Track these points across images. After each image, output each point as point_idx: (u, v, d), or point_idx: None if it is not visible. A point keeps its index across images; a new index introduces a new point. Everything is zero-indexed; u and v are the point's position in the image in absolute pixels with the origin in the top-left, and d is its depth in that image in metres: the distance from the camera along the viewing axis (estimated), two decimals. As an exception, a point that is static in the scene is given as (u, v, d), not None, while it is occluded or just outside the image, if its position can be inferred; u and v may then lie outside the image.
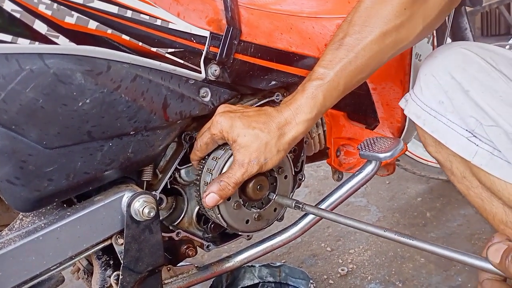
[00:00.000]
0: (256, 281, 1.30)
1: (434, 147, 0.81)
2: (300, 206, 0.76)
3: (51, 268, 0.66)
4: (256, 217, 0.81)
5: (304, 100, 0.73)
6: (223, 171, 0.75)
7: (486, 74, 0.73)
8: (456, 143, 0.75)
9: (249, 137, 0.72)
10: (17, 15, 0.54)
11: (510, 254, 0.57)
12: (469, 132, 0.74)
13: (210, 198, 0.73)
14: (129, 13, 0.64)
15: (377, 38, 0.73)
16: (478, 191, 0.79)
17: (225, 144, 0.77)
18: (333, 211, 0.91)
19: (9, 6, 0.54)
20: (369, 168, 0.85)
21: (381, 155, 0.78)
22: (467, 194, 0.82)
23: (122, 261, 0.71)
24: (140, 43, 0.66)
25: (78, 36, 0.59)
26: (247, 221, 0.80)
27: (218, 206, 0.76)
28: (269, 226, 0.86)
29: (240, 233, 0.90)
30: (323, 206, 0.90)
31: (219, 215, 0.77)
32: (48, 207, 0.70)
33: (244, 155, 0.72)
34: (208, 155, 0.79)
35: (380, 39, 0.73)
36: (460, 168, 0.79)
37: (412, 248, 0.59)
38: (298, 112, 0.73)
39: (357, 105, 0.97)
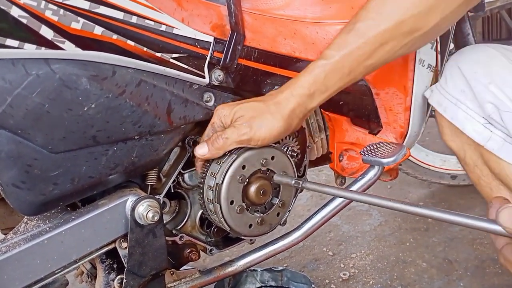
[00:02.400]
0: (258, 285, 1.30)
1: (450, 135, 0.85)
2: (300, 182, 0.75)
3: (56, 272, 0.66)
4: (259, 221, 0.81)
5: (304, 77, 0.74)
6: (227, 175, 0.75)
7: (508, 71, 0.77)
8: (472, 128, 0.79)
9: (244, 108, 0.74)
10: (24, 21, 0.55)
11: None
12: (485, 119, 0.78)
13: (200, 146, 0.75)
14: (134, 19, 0.64)
15: (392, 27, 0.72)
16: (488, 180, 0.84)
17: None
18: (333, 213, 0.91)
19: (16, 12, 0.54)
20: (372, 173, 0.85)
21: (384, 160, 0.78)
22: (477, 184, 0.86)
23: (125, 265, 0.72)
24: (145, 49, 0.66)
25: (83, 41, 0.60)
26: (250, 226, 0.80)
27: (221, 210, 0.76)
28: (272, 231, 0.86)
29: (243, 238, 0.90)
30: (326, 210, 0.90)
31: (222, 219, 0.77)
32: (53, 211, 0.70)
33: (239, 120, 0.73)
34: (212, 159, 0.79)
35: (395, 28, 0.72)
36: (473, 157, 0.83)
37: (422, 217, 0.57)
38: (296, 87, 0.74)
39: (360, 110, 0.97)
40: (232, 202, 0.76)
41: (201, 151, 0.75)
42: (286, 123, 0.74)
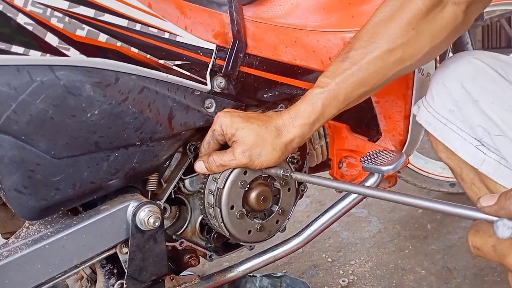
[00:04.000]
0: (257, 291, 1.30)
1: (445, 153, 0.83)
2: (288, 173, 0.75)
3: (56, 276, 0.66)
4: (258, 228, 0.82)
5: (303, 106, 0.75)
6: (229, 180, 0.75)
7: (496, 85, 0.75)
8: (465, 150, 0.77)
9: (246, 130, 0.73)
10: (30, 28, 0.56)
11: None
12: (478, 140, 0.76)
13: (199, 164, 0.77)
14: (138, 26, 0.65)
15: (382, 54, 0.74)
16: None
17: None
18: (333, 220, 0.91)
19: (22, 19, 0.55)
20: (372, 181, 0.85)
21: (384, 168, 0.79)
22: (475, 201, 0.83)
23: (126, 270, 0.72)
24: (148, 56, 0.67)
25: (88, 48, 0.60)
26: (249, 232, 0.81)
27: (221, 214, 0.76)
28: (271, 237, 0.86)
29: (242, 243, 0.90)
30: (325, 218, 0.90)
31: (222, 224, 0.77)
32: (54, 216, 0.71)
33: (239, 146, 0.73)
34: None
35: (385, 56, 0.74)
36: (470, 174, 0.81)
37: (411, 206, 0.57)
38: (296, 116, 0.75)
39: (360, 117, 0.98)
40: (232, 207, 0.77)
41: (198, 166, 0.77)
42: (284, 152, 0.76)
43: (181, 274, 0.89)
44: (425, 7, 0.73)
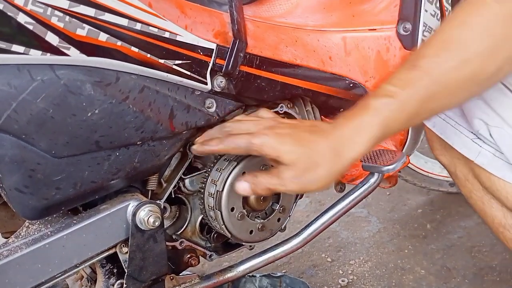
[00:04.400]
0: (257, 291, 1.30)
1: (440, 150, 0.85)
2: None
3: (56, 276, 0.66)
4: (260, 227, 0.82)
5: (368, 117, 0.64)
6: (227, 182, 0.75)
7: (495, 86, 0.75)
8: (462, 144, 0.79)
9: (296, 155, 0.63)
10: (30, 27, 0.55)
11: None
12: (474, 134, 0.78)
13: (242, 185, 0.67)
14: (138, 26, 0.65)
15: (456, 65, 0.64)
16: (480, 194, 0.84)
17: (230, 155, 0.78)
18: (332, 220, 0.91)
19: (22, 19, 0.55)
20: (372, 180, 0.86)
21: (384, 168, 0.79)
22: (469, 197, 0.86)
23: (126, 270, 0.72)
24: (149, 55, 0.67)
25: (88, 47, 0.60)
26: (251, 232, 0.81)
27: (222, 217, 0.76)
28: (272, 236, 0.86)
29: (243, 244, 0.90)
30: (326, 217, 0.90)
31: (223, 226, 0.77)
32: (54, 215, 0.71)
33: (288, 171, 0.63)
34: (212, 166, 0.79)
35: (460, 66, 0.64)
36: (464, 171, 0.83)
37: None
38: (360, 130, 0.64)
39: (360, 117, 0.98)
40: (232, 209, 0.77)
41: (242, 187, 0.67)
42: (340, 174, 0.65)
43: (181, 274, 0.89)
44: (503, 11, 0.63)
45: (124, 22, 0.63)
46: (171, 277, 0.85)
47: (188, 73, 0.72)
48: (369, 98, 0.66)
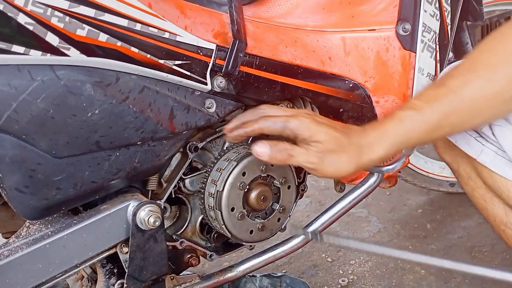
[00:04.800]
0: (257, 291, 1.30)
1: (443, 148, 0.85)
2: (317, 237, 0.74)
3: (57, 276, 0.67)
4: (260, 227, 0.82)
5: (392, 126, 0.70)
6: (228, 182, 0.76)
7: None
8: (464, 142, 0.80)
9: (329, 136, 0.68)
10: (30, 28, 0.56)
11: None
12: (477, 132, 0.79)
13: (263, 147, 0.68)
14: (138, 26, 0.65)
15: (481, 84, 0.68)
16: (482, 192, 0.85)
17: (232, 153, 0.78)
18: (332, 220, 0.92)
19: (22, 19, 0.55)
20: (372, 180, 0.86)
21: (384, 168, 0.79)
22: (472, 196, 0.87)
23: (126, 270, 0.72)
24: (148, 55, 0.67)
25: (88, 48, 0.60)
26: (251, 232, 0.81)
27: (222, 217, 0.76)
28: (273, 236, 0.87)
29: (243, 243, 0.90)
30: (326, 217, 0.90)
31: (223, 226, 0.77)
32: (55, 215, 0.71)
33: (316, 145, 0.68)
34: (214, 163, 0.80)
35: (485, 85, 0.68)
36: (467, 169, 0.84)
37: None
38: (384, 136, 0.69)
39: (360, 117, 0.98)
40: (233, 209, 0.77)
41: (261, 150, 0.68)
42: (356, 170, 0.70)
43: (181, 274, 0.90)
44: None
45: (124, 22, 0.63)
46: (172, 277, 0.85)
47: (188, 73, 0.72)
48: (397, 110, 0.71)
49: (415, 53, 0.92)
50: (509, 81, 0.68)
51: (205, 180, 0.80)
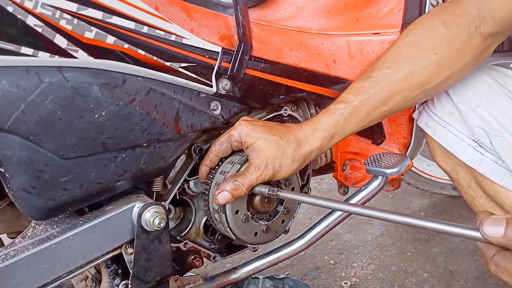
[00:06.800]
0: (260, 292, 1.30)
1: (442, 157, 0.85)
2: (275, 191, 0.74)
3: (62, 276, 0.67)
4: (264, 229, 0.82)
5: (325, 119, 0.76)
6: None
7: (494, 92, 0.78)
8: (463, 152, 0.80)
9: (268, 141, 0.73)
10: (39, 30, 0.56)
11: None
12: (475, 141, 0.79)
13: (223, 195, 0.73)
14: (145, 29, 0.65)
15: (404, 76, 0.76)
16: (483, 201, 0.84)
17: (235, 156, 0.78)
18: (335, 223, 0.92)
19: (32, 21, 0.55)
20: (376, 183, 0.86)
21: (388, 171, 0.79)
22: (472, 204, 0.86)
23: (131, 271, 0.72)
24: (155, 58, 0.67)
25: (96, 50, 0.61)
26: (256, 234, 0.81)
27: (227, 219, 0.77)
28: (277, 238, 0.87)
29: (248, 245, 0.91)
30: (328, 220, 0.91)
31: (228, 228, 0.78)
32: (61, 216, 0.71)
33: (262, 159, 0.73)
34: (218, 165, 0.80)
35: (408, 78, 0.76)
36: (466, 178, 0.83)
37: (415, 227, 0.60)
38: (317, 128, 0.76)
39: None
40: (237, 212, 0.77)
41: (223, 199, 0.73)
42: (302, 163, 0.77)
43: (184, 275, 0.90)
44: (449, 35, 0.75)
45: (131, 25, 0.64)
46: (176, 278, 0.85)
47: (194, 75, 0.73)
48: (331, 104, 0.78)
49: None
50: (427, 73, 0.76)
51: (209, 182, 0.80)
